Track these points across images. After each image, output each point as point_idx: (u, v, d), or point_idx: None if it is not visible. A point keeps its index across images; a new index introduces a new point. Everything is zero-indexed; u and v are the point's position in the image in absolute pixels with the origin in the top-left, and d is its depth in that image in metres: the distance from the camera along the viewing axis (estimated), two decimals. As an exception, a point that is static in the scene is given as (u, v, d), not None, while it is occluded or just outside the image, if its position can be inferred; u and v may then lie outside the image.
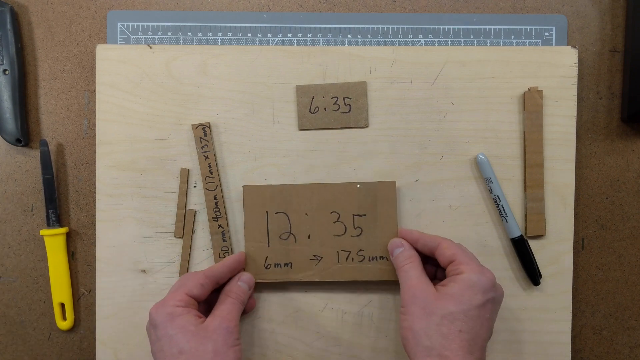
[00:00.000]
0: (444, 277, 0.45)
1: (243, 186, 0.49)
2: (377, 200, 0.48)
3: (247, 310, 0.50)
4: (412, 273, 0.44)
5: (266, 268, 0.49)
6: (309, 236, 0.49)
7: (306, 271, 0.49)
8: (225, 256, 0.50)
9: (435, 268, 0.48)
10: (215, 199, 0.50)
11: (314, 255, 0.49)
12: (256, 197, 0.49)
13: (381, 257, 0.48)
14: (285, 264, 0.49)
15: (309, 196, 0.49)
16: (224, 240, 0.50)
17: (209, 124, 0.50)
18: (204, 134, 0.50)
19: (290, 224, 0.49)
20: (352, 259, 0.49)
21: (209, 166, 0.50)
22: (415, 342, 0.41)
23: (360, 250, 0.49)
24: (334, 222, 0.49)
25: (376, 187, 0.48)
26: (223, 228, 0.50)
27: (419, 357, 0.40)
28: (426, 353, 0.40)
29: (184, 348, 0.40)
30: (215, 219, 0.50)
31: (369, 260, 0.49)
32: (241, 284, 0.47)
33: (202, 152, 0.50)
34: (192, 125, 0.50)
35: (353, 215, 0.49)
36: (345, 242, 0.49)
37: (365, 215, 0.49)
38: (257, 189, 0.49)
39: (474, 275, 0.42)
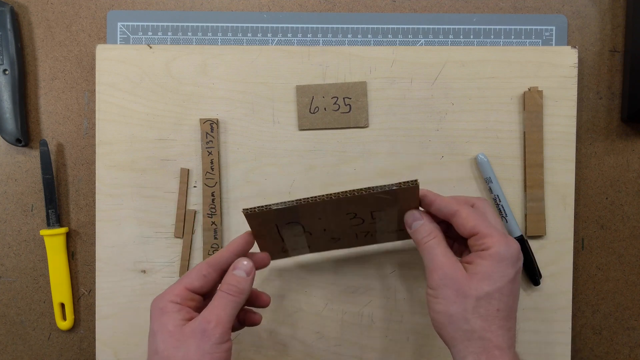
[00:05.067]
0: (460, 247, 0.44)
1: (243, 210, 0.40)
2: (397, 201, 0.42)
3: (248, 324, 0.45)
4: (437, 250, 0.40)
5: (283, 252, 0.47)
6: (324, 230, 0.45)
7: (325, 248, 0.47)
8: (214, 253, 0.49)
9: (452, 241, 0.44)
10: (212, 195, 0.50)
11: (332, 238, 0.46)
12: (261, 220, 0.42)
13: (399, 230, 0.45)
14: (303, 248, 0.47)
15: (320, 209, 0.42)
16: (215, 238, 0.50)
17: (217, 120, 0.50)
18: (210, 129, 0.50)
19: (304, 228, 0.44)
20: (372, 235, 0.46)
21: (211, 162, 0.50)
22: (452, 326, 0.39)
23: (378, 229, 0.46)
24: (351, 219, 0.44)
25: (397, 193, 0.41)
26: (216, 225, 0.50)
27: (459, 341, 0.38)
28: (466, 337, 0.38)
29: (158, 348, 0.37)
30: (210, 215, 0.50)
31: (387, 233, 0.46)
32: (237, 272, 0.40)
33: (207, 148, 0.50)
34: (200, 119, 0.50)
35: (371, 212, 0.43)
36: (363, 227, 0.45)
37: (384, 210, 0.43)
38: (261, 216, 0.41)
39: (502, 248, 0.39)
